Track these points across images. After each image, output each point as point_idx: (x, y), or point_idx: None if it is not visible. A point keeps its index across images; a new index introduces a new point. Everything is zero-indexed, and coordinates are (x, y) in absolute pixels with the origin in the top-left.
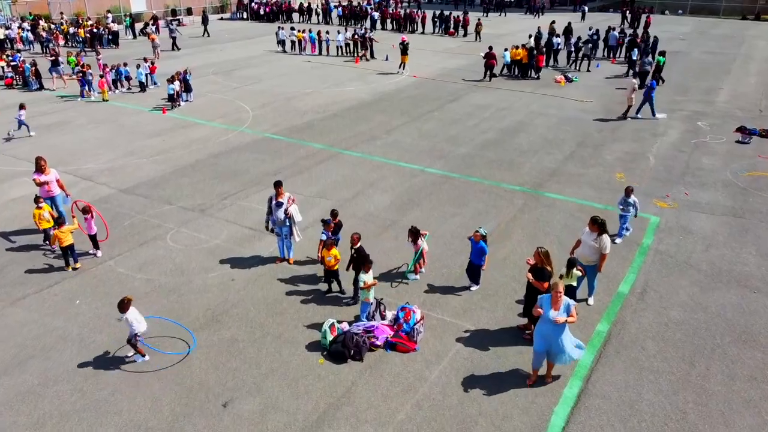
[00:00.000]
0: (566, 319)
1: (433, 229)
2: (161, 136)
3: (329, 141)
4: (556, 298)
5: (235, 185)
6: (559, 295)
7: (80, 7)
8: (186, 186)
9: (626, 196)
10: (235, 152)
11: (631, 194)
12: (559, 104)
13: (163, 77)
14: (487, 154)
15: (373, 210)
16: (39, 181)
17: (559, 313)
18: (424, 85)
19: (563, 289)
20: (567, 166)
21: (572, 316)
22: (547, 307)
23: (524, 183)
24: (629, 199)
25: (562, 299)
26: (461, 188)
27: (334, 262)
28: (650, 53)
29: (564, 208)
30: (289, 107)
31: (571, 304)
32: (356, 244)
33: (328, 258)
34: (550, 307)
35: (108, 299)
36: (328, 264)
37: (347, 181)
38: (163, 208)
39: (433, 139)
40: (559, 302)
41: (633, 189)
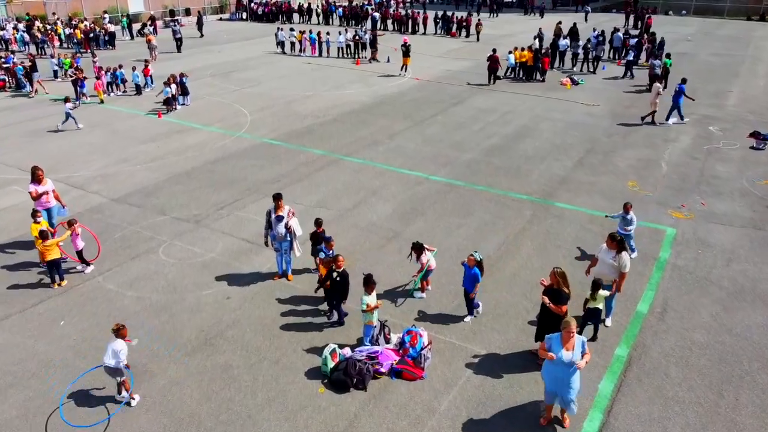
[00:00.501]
0: (586, 362)
1: (439, 241)
2: (156, 142)
3: (330, 146)
4: (567, 337)
5: (232, 194)
6: (571, 334)
7: (77, 7)
8: (181, 195)
9: (625, 213)
10: (232, 158)
11: (630, 210)
12: (566, 108)
13: (160, 80)
14: (493, 161)
15: (375, 220)
16: (36, 193)
17: (574, 355)
18: (427, 87)
19: (576, 328)
20: (577, 173)
21: (587, 354)
22: (557, 348)
23: (532, 192)
24: (628, 216)
25: (575, 338)
26: (467, 197)
27: None
28: (657, 56)
29: (575, 219)
30: (289, 111)
31: (584, 341)
32: (340, 267)
33: None
34: (561, 347)
35: (95, 319)
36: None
37: (348, 189)
38: (156, 218)
39: (437, 145)
40: (571, 341)
41: (632, 205)
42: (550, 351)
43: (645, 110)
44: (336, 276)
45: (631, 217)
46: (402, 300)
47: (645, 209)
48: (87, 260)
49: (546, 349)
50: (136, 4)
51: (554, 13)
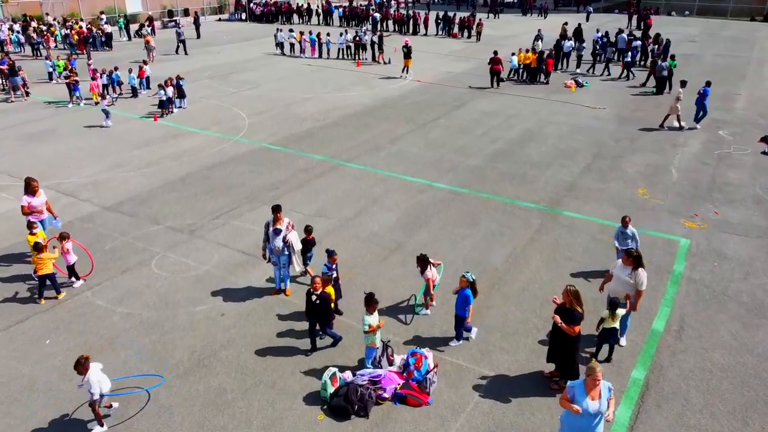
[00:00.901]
0: (614, 411)
1: (444, 253)
2: (151, 146)
3: (330, 151)
4: (593, 385)
5: (229, 201)
6: (597, 381)
7: (73, 7)
8: (175, 202)
9: (623, 227)
10: (229, 164)
11: (628, 225)
12: (571, 111)
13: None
14: (498, 167)
15: (377, 230)
16: (30, 207)
17: (601, 405)
18: (429, 90)
19: (601, 373)
20: (584, 180)
21: (612, 400)
22: (581, 396)
23: (540, 200)
24: (627, 231)
25: (600, 385)
26: (472, 205)
27: None
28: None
29: (585, 228)
30: (288, 114)
31: (610, 387)
32: (317, 289)
33: None
34: (586, 395)
35: (83, 338)
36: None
37: (349, 196)
38: (149, 228)
39: (440, 150)
40: (597, 389)
41: (630, 219)
42: (574, 402)
43: (652, 114)
44: (315, 299)
45: (631, 232)
46: (410, 317)
47: (657, 218)
48: (78, 275)
49: (569, 399)
50: (133, 5)
51: (556, 14)
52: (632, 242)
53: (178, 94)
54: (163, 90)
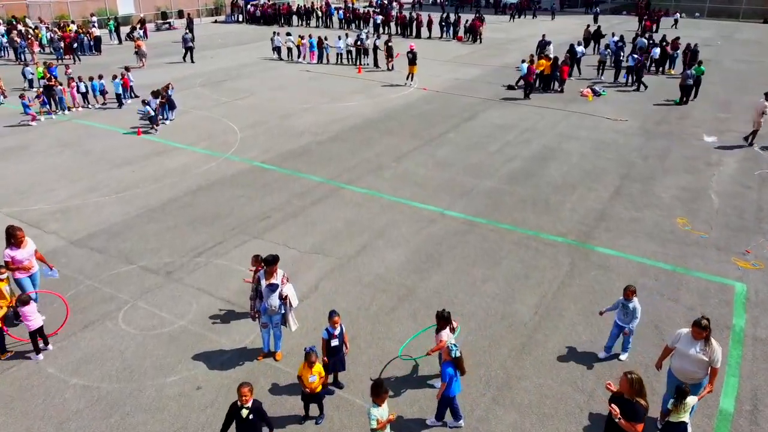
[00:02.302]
0: None
1: (461, 303)
2: (132, 165)
3: (329, 172)
4: None
5: (213, 234)
6: None
7: (62, 9)
8: (153, 236)
9: (626, 300)
10: (216, 187)
11: (632, 297)
12: (590, 124)
13: (147, 89)
14: (517, 191)
15: (383, 272)
16: (14, 262)
17: None
18: (435, 99)
19: None
20: (615, 207)
21: None
22: None
23: (567, 231)
24: (629, 304)
25: None
26: (491, 239)
27: (317, 383)
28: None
29: (623, 270)
30: (284, 127)
31: None
32: (246, 401)
33: (311, 378)
34: None
35: (25, 421)
36: (309, 385)
37: (350, 228)
38: (120, 268)
39: (450, 170)
40: None
41: (635, 290)
42: None
43: (678, 127)
44: (248, 414)
45: (633, 307)
46: (424, 391)
47: (703, 257)
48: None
49: None
50: (125, 6)
51: (562, 15)
52: (631, 322)
53: (168, 106)
54: (148, 105)
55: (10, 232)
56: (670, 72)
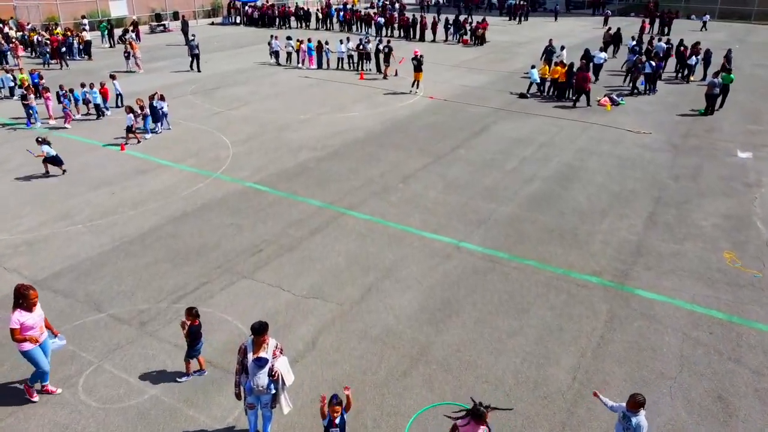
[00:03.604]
0: None
1: (486, 365)
2: (111, 186)
3: (329, 195)
4: None
5: (196, 274)
6: None
7: (52, 11)
8: (128, 275)
9: (630, 411)
10: (202, 213)
11: (639, 410)
12: (612, 137)
13: (135, 97)
14: (540, 218)
15: (392, 323)
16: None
17: None
18: (443, 109)
19: None
20: (651, 238)
21: None
22: None
23: (601, 270)
24: (633, 419)
25: None
26: (515, 280)
27: None
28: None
29: (671, 320)
30: (280, 141)
31: None
32: None
33: None
34: None
35: None
36: None
37: (354, 265)
38: (86, 317)
39: (464, 192)
40: None
41: (643, 402)
42: None
43: (707, 140)
44: None
45: (637, 424)
46: None
47: (760, 302)
48: None
49: None
50: (118, 8)
51: (567, 17)
52: None
53: (153, 118)
54: (132, 114)
55: (22, 291)
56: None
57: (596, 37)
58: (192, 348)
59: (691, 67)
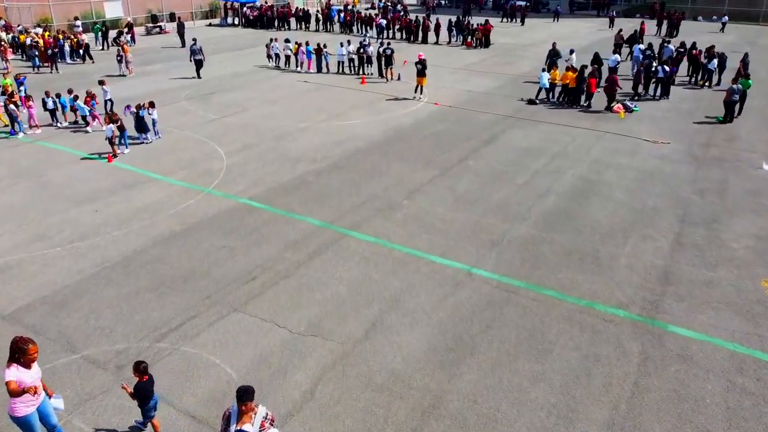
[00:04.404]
0: None
1: (508, 420)
2: (95, 203)
3: (329, 212)
4: None
5: (183, 305)
6: None
7: (45, 12)
8: (107, 307)
9: None
10: (192, 234)
11: None
12: (628, 147)
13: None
14: (557, 239)
15: (399, 366)
16: (20, 385)
17: None
18: (449, 116)
19: None
20: (681, 263)
21: None
22: None
23: (628, 301)
24: None
25: None
26: (534, 314)
27: None
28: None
29: (712, 363)
30: (277, 151)
31: None
32: None
33: None
34: None
35: None
36: None
37: (356, 295)
38: (58, 359)
39: (474, 209)
40: None
41: None
42: None
43: (728, 151)
44: None
45: None
46: None
47: None
48: None
49: None
50: (114, 9)
51: (572, 18)
52: None
53: (138, 127)
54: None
55: (19, 345)
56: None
57: (603, 38)
58: (143, 408)
59: (710, 72)
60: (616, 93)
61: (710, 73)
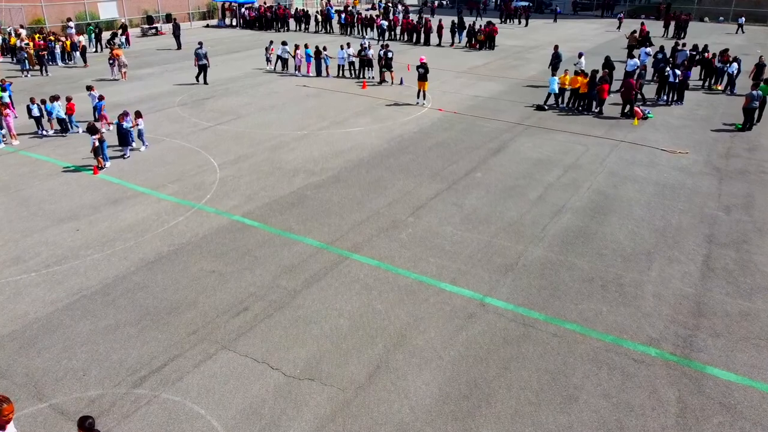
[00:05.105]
0: None
1: None
2: (77, 221)
3: (328, 232)
4: None
5: (166, 342)
6: None
7: (37, 14)
8: (82, 344)
9: None
10: (179, 257)
11: None
12: (645, 158)
13: (119, 108)
14: (576, 262)
15: (407, 418)
16: None
17: None
18: (454, 123)
19: None
20: (713, 291)
21: None
22: None
23: (659, 337)
24: None
25: None
26: (555, 352)
27: None
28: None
29: (759, 413)
30: (274, 163)
31: None
32: None
33: None
34: None
35: None
36: None
37: (358, 330)
38: (22, 409)
39: (484, 228)
40: None
41: None
42: None
43: (751, 161)
44: None
45: None
46: None
47: None
48: None
49: None
50: (108, 10)
51: (575, 19)
52: None
53: (120, 140)
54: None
55: None
56: (716, 87)
57: (610, 40)
58: None
59: (730, 76)
60: (634, 98)
61: (730, 78)
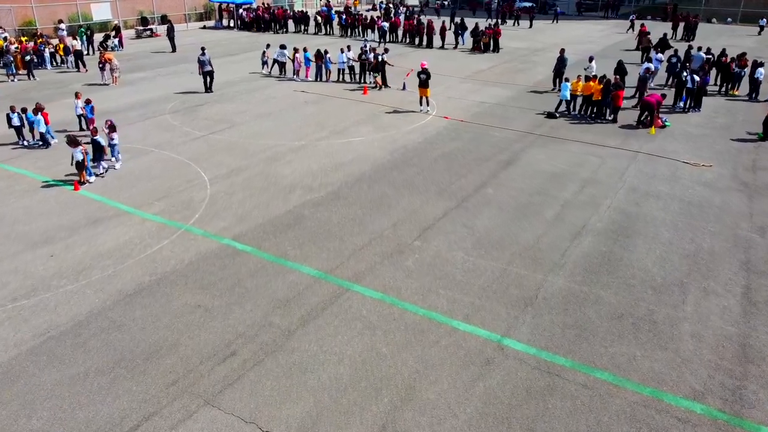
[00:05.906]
0: None
1: None
2: (52, 245)
3: (328, 258)
4: None
5: (141, 396)
6: None
7: (27, 15)
8: (45, 398)
9: None
10: (161, 289)
11: None
12: (666, 171)
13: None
14: (603, 295)
15: None
16: None
17: None
18: (461, 132)
19: None
20: (757, 330)
21: None
22: None
23: (704, 389)
24: None
25: None
26: (586, 408)
27: None
28: None
29: None
30: (269, 177)
31: None
32: None
33: None
34: None
35: None
36: None
37: (360, 379)
38: None
39: (498, 253)
40: None
41: None
42: None
43: None
44: None
45: None
46: None
47: None
48: None
49: None
50: (101, 12)
51: (579, 20)
52: None
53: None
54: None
55: None
56: (733, 93)
57: (618, 42)
58: None
59: (756, 82)
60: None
61: (755, 84)
